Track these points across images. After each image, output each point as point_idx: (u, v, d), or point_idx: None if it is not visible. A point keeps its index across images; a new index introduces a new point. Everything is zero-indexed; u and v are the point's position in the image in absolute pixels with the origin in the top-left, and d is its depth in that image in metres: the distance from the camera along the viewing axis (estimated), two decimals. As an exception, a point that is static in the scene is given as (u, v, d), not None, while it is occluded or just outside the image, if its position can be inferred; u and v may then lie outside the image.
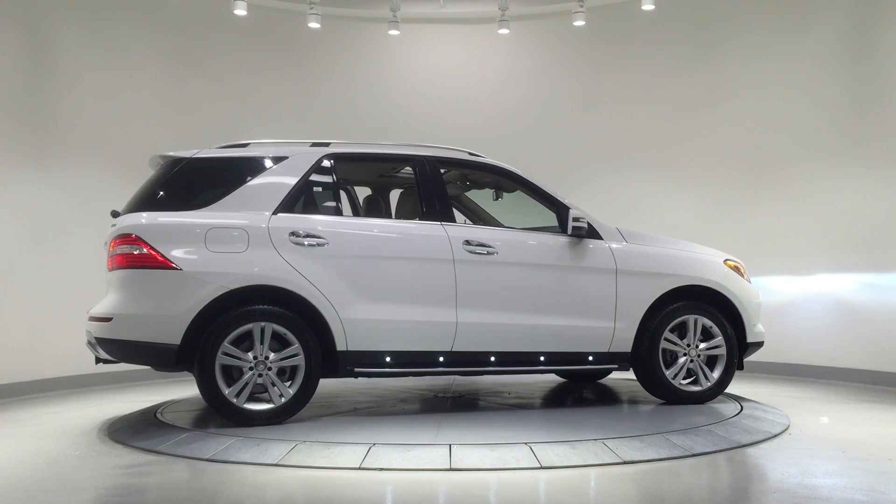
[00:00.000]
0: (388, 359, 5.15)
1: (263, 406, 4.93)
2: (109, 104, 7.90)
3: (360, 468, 4.05)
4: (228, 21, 8.73)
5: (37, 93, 7.37)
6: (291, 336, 4.94)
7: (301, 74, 9.23)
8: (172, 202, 5.06)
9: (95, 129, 7.76)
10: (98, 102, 7.82)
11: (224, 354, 4.84)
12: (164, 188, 5.12)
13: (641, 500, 3.62)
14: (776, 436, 4.89)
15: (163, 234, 4.88)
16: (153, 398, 6.49)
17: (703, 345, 5.69)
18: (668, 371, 5.61)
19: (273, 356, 4.93)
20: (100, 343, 4.96)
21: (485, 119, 9.30)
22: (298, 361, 4.96)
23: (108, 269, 5.10)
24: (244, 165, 5.23)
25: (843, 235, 7.59)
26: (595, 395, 6.38)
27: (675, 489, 3.81)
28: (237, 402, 4.86)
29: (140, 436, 4.85)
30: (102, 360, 5.20)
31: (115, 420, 5.53)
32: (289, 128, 8.75)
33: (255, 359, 4.90)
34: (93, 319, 5.02)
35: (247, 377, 4.89)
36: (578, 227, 5.43)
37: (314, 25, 8.65)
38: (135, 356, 5.01)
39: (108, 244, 5.09)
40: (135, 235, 4.87)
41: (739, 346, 5.80)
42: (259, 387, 4.94)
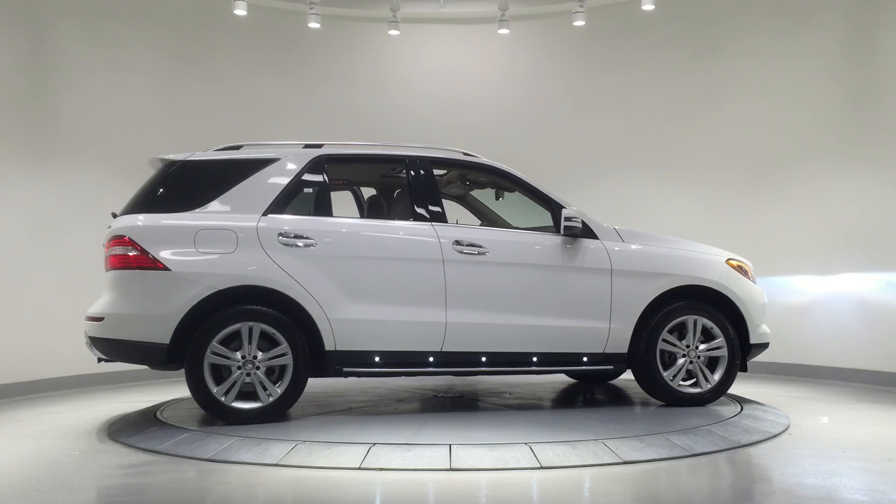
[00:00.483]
0: (378, 359, 5.17)
1: (251, 405, 4.99)
2: (109, 104, 7.90)
3: (360, 468, 4.06)
4: (228, 21, 8.73)
5: (36, 92, 7.37)
6: (280, 336, 5.00)
7: (301, 74, 9.23)
8: (167, 204, 5.15)
9: (95, 129, 7.76)
10: (98, 102, 7.81)
11: (213, 354, 4.93)
12: (159, 190, 5.22)
13: (641, 500, 3.61)
14: (776, 436, 4.89)
15: (154, 236, 4.98)
16: (153, 398, 6.49)
17: (704, 346, 5.63)
18: (667, 372, 5.56)
19: (261, 356, 4.99)
20: (94, 342, 5.09)
21: (484, 119, 9.30)
22: (287, 361, 5.02)
23: (105, 270, 5.20)
24: (236, 167, 5.29)
25: (844, 236, 7.59)
26: (595, 396, 6.38)
27: (675, 489, 3.81)
28: (225, 401, 4.94)
29: (140, 436, 4.87)
30: (103, 360, 5.26)
31: (115, 420, 5.54)
32: (289, 128, 8.75)
33: (244, 358, 4.96)
34: (88, 319, 5.14)
35: (235, 376, 4.95)
36: (571, 227, 5.41)
37: (314, 25, 8.65)
38: (126, 355, 5.11)
39: (105, 245, 5.20)
40: (127, 237, 4.98)
41: (742, 348, 5.72)
42: (249, 385, 4.99)
